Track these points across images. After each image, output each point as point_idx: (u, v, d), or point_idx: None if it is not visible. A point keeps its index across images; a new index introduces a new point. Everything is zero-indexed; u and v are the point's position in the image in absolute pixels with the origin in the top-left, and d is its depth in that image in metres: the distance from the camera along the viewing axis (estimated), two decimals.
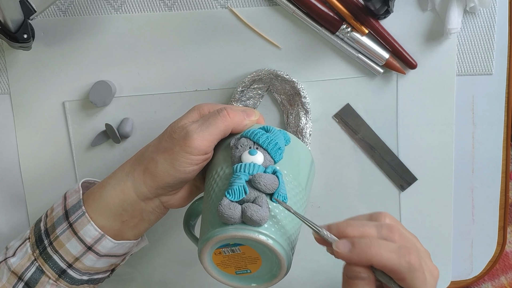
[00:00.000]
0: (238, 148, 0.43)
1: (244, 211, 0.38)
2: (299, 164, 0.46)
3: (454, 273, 0.61)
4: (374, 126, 0.57)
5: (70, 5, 0.53)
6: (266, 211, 0.39)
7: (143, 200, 0.45)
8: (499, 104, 0.58)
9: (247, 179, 0.40)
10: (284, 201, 0.40)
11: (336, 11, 0.53)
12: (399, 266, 0.36)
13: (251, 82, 0.54)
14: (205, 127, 0.43)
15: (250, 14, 0.54)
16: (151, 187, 0.44)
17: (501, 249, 0.61)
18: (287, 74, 0.54)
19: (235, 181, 0.40)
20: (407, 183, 0.59)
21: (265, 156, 0.42)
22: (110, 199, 0.45)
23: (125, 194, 0.45)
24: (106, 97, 0.53)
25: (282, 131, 0.45)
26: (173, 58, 0.55)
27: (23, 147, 0.55)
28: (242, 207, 0.39)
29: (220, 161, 0.44)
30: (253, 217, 0.38)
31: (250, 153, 0.42)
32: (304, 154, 0.47)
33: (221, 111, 0.44)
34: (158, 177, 0.44)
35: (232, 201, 0.39)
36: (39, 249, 0.45)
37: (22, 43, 0.48)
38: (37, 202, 0.57)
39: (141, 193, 0.45)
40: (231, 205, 0.39)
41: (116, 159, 0.56)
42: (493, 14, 0.55)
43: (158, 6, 0.53)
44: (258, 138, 0.43)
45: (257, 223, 0.38)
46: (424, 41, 0.55)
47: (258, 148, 0.42)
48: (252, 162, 0.41)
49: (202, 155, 0.43)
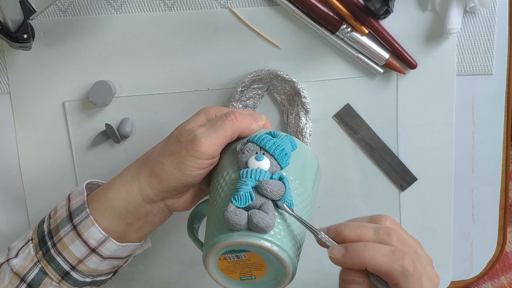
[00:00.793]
0: (244, 153, 0.42)
1: (250, 218, 0.38)
2: (305, 169, 0.45)
3: (454, 273, 0.61)
4: (374, 126, 0.57)
5: (70, 5, 0.53)
6: (272, 218, 0.39)
7: (148, 203, 0.45)
8: (499, 104, 0.58)
9: (254, 185, 0.40)
10: (290, 207, 0.40)
11: (336, 11, 0.53)
12: (393, 270, 0.36)
13: (251, 82, 0.54)
14: (213, 131, 0.43)
15: (250, 14, 0.54)
16: (156, 190, 0.44)
17: (501, 249, 0.61)
18: (287, 74, 0.54)
19: (241, 187, 0.39)
20: (407, 183, 0.59)
21: (272, 162, 0.42)
22: (115, 200, 0.45)
23: (131, 196, 0.44)
24: (106, 97, 0.53)
25: (289, 136, 0.45)
26: (173, 58, 0.55)
27: (23, 147, 0.55)
28: (248, 214, 0.38)
29: (226, 165, 0.44)
30: (259, 224, 0.38)
31: (257, 159, 0.41)
32: (311, 160, 0.47)
33: (229, 115, 0.44)
34: (164, 180, 0.44)
35: (238, 207, 0.39)
36: (42, 250, 0.45)
37: (22, 43, 0.48)
38: (37, 202, 0.57)
39: (147, 196, 0.44)
40: (237, 211, 0.38)
41: (116, 159, 0.56)
42: (493, 14, 0.55)
43: (158, 6, 0.53)
44: (265, 144, 0.43)
45: (263, 230, 0.38)
46: (424, 41, 0.55)
47: (264, 154, 0.42)
48: (259, 168, 0.41)
49: (209, 159, 0.43)
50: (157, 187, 0.44)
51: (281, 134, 0.44)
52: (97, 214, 0.45)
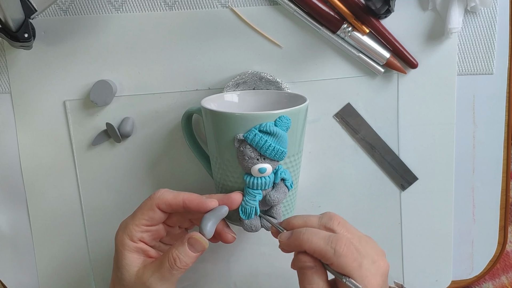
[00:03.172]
0: (245, 159, 0.45)
1: (263, 222, 0.47)
2: (299, 135, 0.48)
3: (454, 272, 0.61)
4: (375, 125, 0.57)
5: (71, 4, 0.53)
6: (279, 219, 0.48)
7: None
8: (500, 103, 0.58)
9: (261, 198, 0.46)
10: (290, 188, 0.48)
11: (337, 10, 0.53)
12: (326, 251, 0.41)
13: (235, 86, 0.54)
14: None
15: (251, 14, 0.54)
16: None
17: (502, 248, 0.61)
18: (271, 75, 0.54)
19: (249, 202, 0.46)
20: (408, 183, 0.59)
21: (272, 163, 0.45)
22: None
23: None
24: (107, 96, 0.53)
25: (285, 121, 0.45)
26: (174, 57, 0.55)
27: (23, 146, 0.55)
28: (260, 219, 0.47)
29: (224, 151, 0.46)
30: (269, 228, 0.47)
31: (260, 171, 0.45)
32: (302, 119, 0.48)
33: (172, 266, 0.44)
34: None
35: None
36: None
37: (23, 42, 0.48)
38: (38, 201, 0.57)
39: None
40: (252, 221, 0.47)
41: (117, 159, 0.56)
42: (494, 14, 0.55)
43: (159, 5, 0.53)
44: (265, 151, 0.45)
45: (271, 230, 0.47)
46: (425, 41, 0.55)
47: (265, 159, 0.45)
48: (263, 177, 0.46)
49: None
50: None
51: (278, 131, 0.45)
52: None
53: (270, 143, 0.44)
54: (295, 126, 0.46)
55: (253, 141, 0.44)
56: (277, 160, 0.46)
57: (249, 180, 0.45)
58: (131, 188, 0.57)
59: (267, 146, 0.44)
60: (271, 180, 0.46)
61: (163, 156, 0.56)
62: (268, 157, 0.45)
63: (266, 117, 0.44)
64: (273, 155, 0.45)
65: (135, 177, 0.57)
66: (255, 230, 0.47)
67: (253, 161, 0.45)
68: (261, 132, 0.44)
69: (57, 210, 0.57)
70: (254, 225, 0.47)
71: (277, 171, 0.46)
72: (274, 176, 0.46)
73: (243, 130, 0.44)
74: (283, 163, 0.47)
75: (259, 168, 0.45)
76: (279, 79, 0.54)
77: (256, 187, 0.45)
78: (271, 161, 0.45)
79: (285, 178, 0.47)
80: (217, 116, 0.46)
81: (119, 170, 0.57)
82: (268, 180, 0.46)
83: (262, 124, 0.44)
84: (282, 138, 0.45)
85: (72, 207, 0.57)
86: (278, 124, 0.44)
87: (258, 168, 0.45)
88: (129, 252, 0.44)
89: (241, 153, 0.45)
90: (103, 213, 0.57)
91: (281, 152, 0.45)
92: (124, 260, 0.44)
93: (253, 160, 0.45)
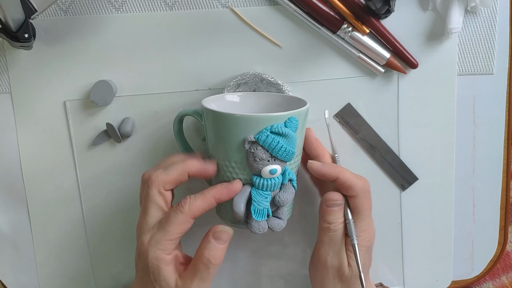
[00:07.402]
0: (256, 161, 0.45)
1: (269, 224, 0.47)
2: (302, 136, 0.49)
3: (455, 272, 0.61)
4: (375, 125, 0.57)
5: (71, 4, 0.53)
6: (285, 221, 0.48)
7: None
8: (500, 103, 0.58)
9: (270, 199, 0.46)
10: (295, 188, 0.48)
11: (337, 10, 0.53)
12: (357, 184, 0.49)
13: (236, 86, 0.54)
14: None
15: (251, 14, 0.54)
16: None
17: (502, 248, 0.61)
18: (273, 77, 0.54)
19: (261, 202, 0.46)
20: (408, 183, 0.59)
21: (281, 164, 0.46)
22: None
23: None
24: (107, 97, 0.53)
25: (294, 122, 0.45)
26: (174, 58, 0.55)
27: (24, 146, 0.55)
28: (267, 222, 0.47)
29: (231, 153, 0.46)
30: (276, 229, 0.48)
31: (271, 172, 0.45)
32: (306, 121, 0.49)
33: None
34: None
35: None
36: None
37: (23, 43, 0.48)
38: (38, 201, 0.57)
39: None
40: (260, 223, 0.47)
41: (117, 159, 0.56)
42: (494, 14, 0.55)
43: (159, 5, 0.53)
44: (277, 153, 0.45)
45: (278, 230, 0.48)
46: (425, 41, 0.55)
47: (275, 160, 0.45)
48: (272, 178, 0.46)
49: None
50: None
51: (288, 131, 0.45)
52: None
53: (282, 144, 0.44)
54: (301, 127, 0.46)
55: (266, 143, 0.44)
56: (285, 161, 0.46)
57: (258, 182, 0.45)
58: (131, 188, 0.57)
59: (279, 147, 0.44)
60: (279, 181, 0.46)
61: (163, 156, 0.56)
62: (279, 158, 0.45)
63: (277, 119, 0.44)
64: (284, 156, 0.45)
65: (135, 177, 0.57)
66: (262, 231, 0.47)
67: (264, 162, 0.45)
68: (273, 134, 0.44)
69: (57, 210, 0.57)
70: (262, 226, 0.46)
71: (284, 172, 0.46)
72: (282, 177, 0.46)
73: (253, 132, 0.44)
74: (288, 164, 0.47)
75: (270, 169, 0.45)
76: (280, 81, 0.54)
77: (266, 188, 0.46)
78: (281, 162, 0.45)
79: (292, 179, 0.47)
80: (225, 118, 0.45)
81: (119, 170, 0.57)
82: (277, 181, 0.46)
83: (273, 126, 0.44)
84: (292, 139, 0.45)
85: (72, 207, 0.57)
86: (288, 125, 0.44)
87: (269, 170, 0.45)
88: (166, 265, 0.45)
89: (251, 155, 0.45)
90: (103, 213, 0.57)
91: (292, 153, 0.45)
92: (162, 274, 0.45)
93: (264, 162, 0.45)
